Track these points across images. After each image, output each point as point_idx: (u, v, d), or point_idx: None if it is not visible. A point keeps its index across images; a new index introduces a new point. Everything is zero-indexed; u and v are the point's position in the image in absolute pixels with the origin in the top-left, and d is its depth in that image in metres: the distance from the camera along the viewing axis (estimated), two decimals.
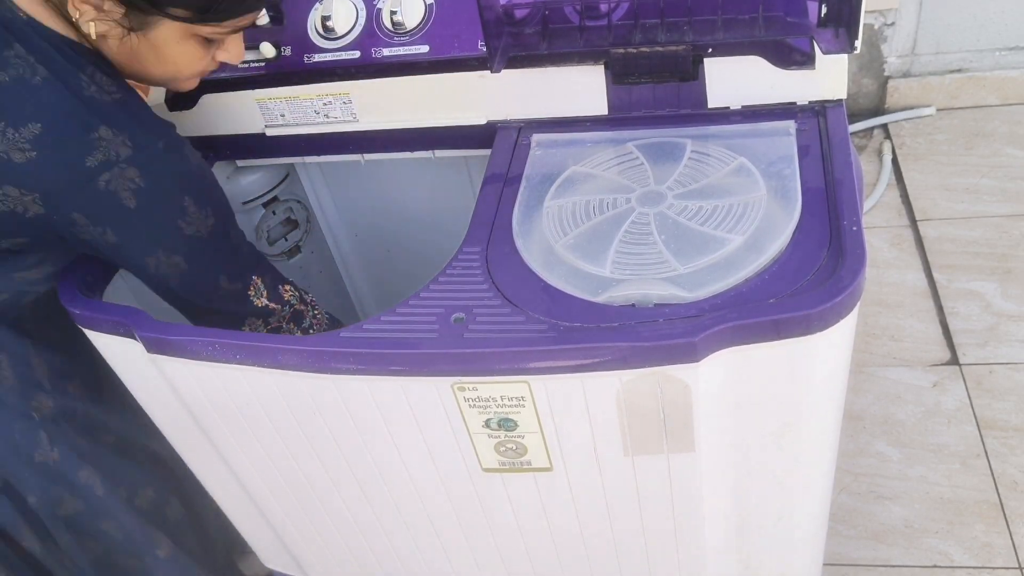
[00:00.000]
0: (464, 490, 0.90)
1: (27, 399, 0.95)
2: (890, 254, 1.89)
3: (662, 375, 0.74)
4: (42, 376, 0.96)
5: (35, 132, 0.78)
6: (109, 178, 0.80)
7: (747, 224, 0.81)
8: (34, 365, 0.95)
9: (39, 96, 0.79)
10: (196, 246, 0.87)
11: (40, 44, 0.80)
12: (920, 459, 1.50)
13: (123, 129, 0.80)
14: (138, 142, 0.81)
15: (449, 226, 1.24)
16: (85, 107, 0.80)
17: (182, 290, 0.89)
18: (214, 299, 0.91)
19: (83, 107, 0.79)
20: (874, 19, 2.14)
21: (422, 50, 0.99)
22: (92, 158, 0.79)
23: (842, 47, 0.84)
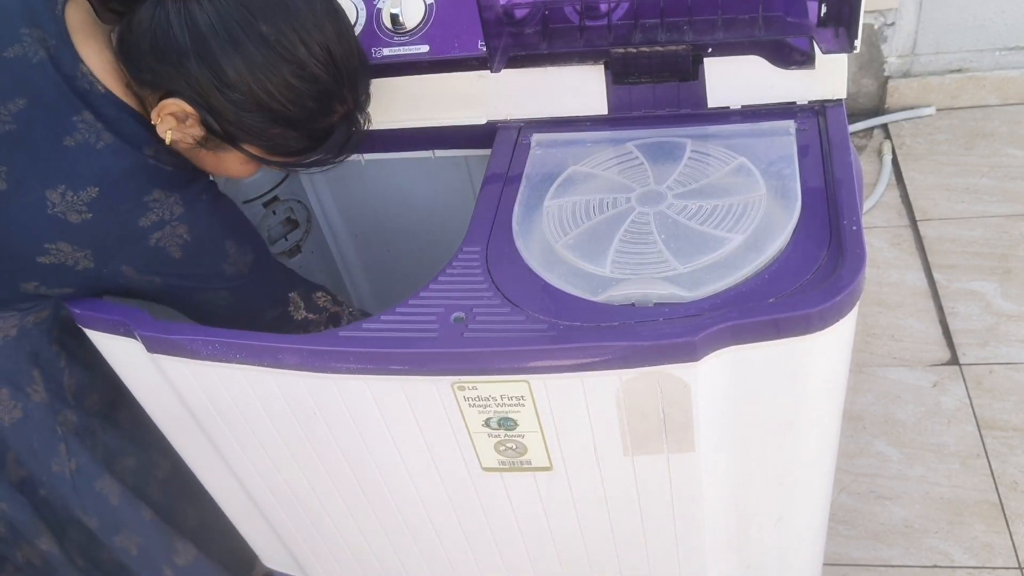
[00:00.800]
0: (464, 489, 0.90)
1: (54, 413, 0.96)
2: (890, 254, 1.89)
3: (662, 374, 0.74)
4: (68, 392, 0.97)
5: (92, 195, 0.81)
6: (160, 236, 0.84)
7: (747, 223, 0.81)
8: (64, 381, 0.97)
9: (101, 161, 0.82)
10: (238, 282, 0.91)
11: (112, 114, 0.83)
12: (920, 459, 1.50)
13: (174, 190, 0.85)
14: (188, 201, 0.86)
15: (449, 226, 1.24)
16: (144, 173, 0.84)
17: (230, 323, 0.91)
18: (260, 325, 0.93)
19: (142, 173, 0.84)
20: (874, 19, 2.14)
21: (422, 50, 0.99)
22: (145, 219, 0.83)
23: (842, 47, 0.84)
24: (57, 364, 0.96)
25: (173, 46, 0.79)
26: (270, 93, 0.81)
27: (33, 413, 0.94)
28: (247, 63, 0.80)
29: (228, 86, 0.80)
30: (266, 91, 0.81)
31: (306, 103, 0.84)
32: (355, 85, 0.88)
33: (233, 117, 0.82)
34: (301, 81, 0.82)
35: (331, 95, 0.85)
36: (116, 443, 1.02)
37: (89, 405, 1.00)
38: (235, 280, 0.91)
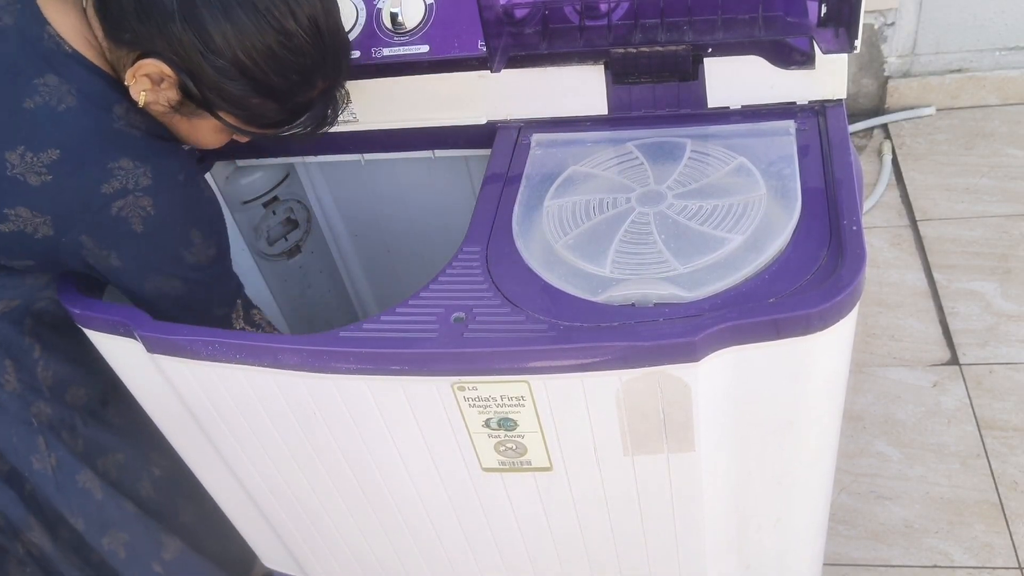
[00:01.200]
0: (464, 490, 0.90)
1: (27, 405, 0.95)
2: (890, 254, 1.89)
3: (662, 375, 0.74)
4: (44, 384, 0.97)
5: (53, 157, 0.80)
6: (122, 205, 0.82)
7: (747, 224, 0.81)
8: (38, 372, 0.96)
9: (63, 123, 0.80)
10: (195, 274, 0.89)
11: (79, 75, 0.81)
12: (920, 459, 1.50)
13: (146, 161, 0.83)
14: (158, 174, 0.83)
15: (449, 226, 1.24)
16: (109, 138, 0.82)
17: (176, 313, 0.90)
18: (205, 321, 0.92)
19: (106, 138, 0.82)
20: (874, 19, 2.14)
21: (422, 50, 0.99)
22: (108, 186, 0.81)
23: (842, 47, 0.84)
24: (31, 355, 0.95)
25: (159, 6, 0.78)
26: (255, 61, 0.80)
27: (7, 404, 0.94)
28: (235, 29, 0.78)
29: (212, 51, 0.79)
30: (251, 59, 0.80)
31: (290, 75, 0.82)
32: (339, 61, 0.88)
33: (213, 83, 0.81)
34: (287, 52, 0.81)
35: (315, 69, 0.84)
36: (103, 439, 1.02)
37: (72, 399, 0.99)
38: (193, 271, 0.89)
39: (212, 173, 1.18)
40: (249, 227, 1.27)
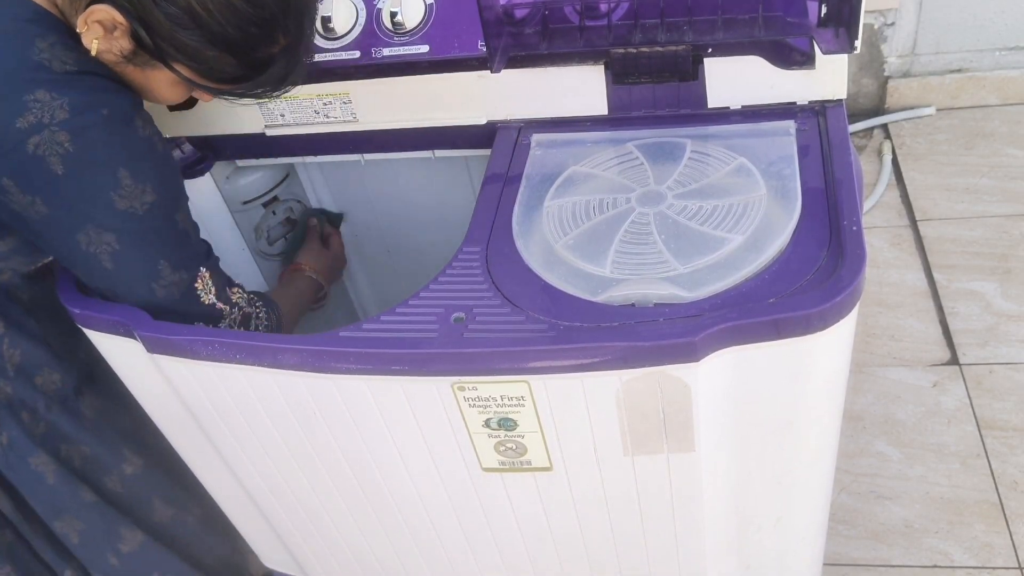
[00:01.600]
0: (464, 490, 0.90)
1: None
2: (890, 254, 1.89)
3: (662, 375, 0.74)
4: (9, 362, 0.94)
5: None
6: (39, 142, 0.77)
7: (747, 224, 0.81)
8: (3, 349, 0.93)
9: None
10: (130, 223, 0.82)
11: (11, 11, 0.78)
12: (920, 459, 1.50)
13: (64, 94, 0.77)
14: (77, 107, 0.78)
15: (449, 226, 1.24)
16: (27, 69, 0.77)
17: (119, 275, 0.84)
18: (157, 289, 0.86)
19: (24, 69, 0.77)
20: (874, 19, 2.14)
21: (422, 50, 0.99)
22: (23, 120, 0.76)
23: (842, 47, 0.84)
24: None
25: None
26: (210, 11, 0.77)
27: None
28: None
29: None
30: (205, 8, 0.76)
31: (248, 28, 0.79)
32: (302, 16, 0.84)
33: (167, 33, 0.78)
34: (246, 3, 0.78)
35: (275, 23, 0.81)
36: (68, 428, 0.99)
37: (43, 384, 0.97)
38: (126, 221, 0.81)
39: (212, 173, 1.18)
40: (249, 227, 1.27)
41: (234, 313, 0.92)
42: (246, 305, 0.95)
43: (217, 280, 0.91)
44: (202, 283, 0.89)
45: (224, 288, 0.92)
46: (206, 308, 0.89)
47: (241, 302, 0.94)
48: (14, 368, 0.95)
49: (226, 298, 0.92)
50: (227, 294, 0.92)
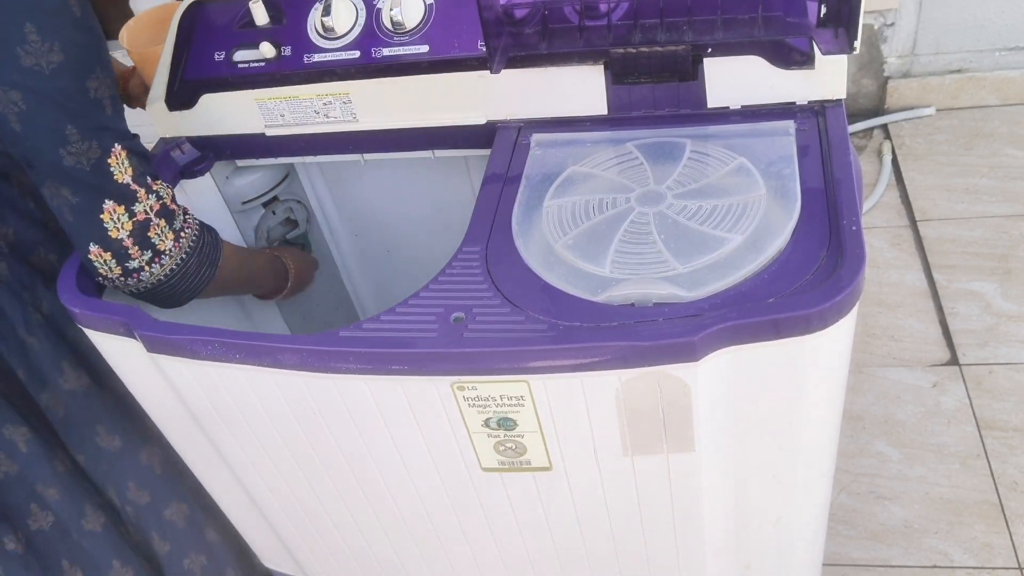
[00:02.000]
0: (463, 489, 0.90)
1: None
2: (890, 254, 1.89)
3: (661, 374, 0.74)
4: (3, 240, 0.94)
5: None
6: None
7: (747, 224, 0.81)
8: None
9: None
10: (35, 82, 0.80)
11: None
12: (920, 459, 1.50)
13: None
14: None
15: (449, 226, 1.24)
16: None
17: (27, 137, 0.83)
18: (65, 155, 0.83)
19: None
20: (874, 19, 2.14)
21: (422, 50, 0.99)
22: None
23: (841, 47, 0.84)
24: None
25: None
26: None
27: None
28: None
29: None
30: None
31: None
32: None
33: None
34: None
35: None
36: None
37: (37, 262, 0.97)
38: (30, 78, 0.80)
39: (212, 173, 1.18)
40: (249, 227, 1.27)
41: (150, 200, 0.89)
42: (168, 200, 0.91)
43: (136, 164, 0.88)
44: (115, 160, 0.86)
45: (144, 175, 0.89)
46: (119, 186, 0.87)
47: (163, 193, 0.90)
48: (9, 246, 0.94)
49: (144, 183, 0.88)
50: (146, 181, 0.89)
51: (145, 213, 0.88)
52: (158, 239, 0.90)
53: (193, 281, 0.94)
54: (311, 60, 1.03)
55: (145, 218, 0.88)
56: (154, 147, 1.12)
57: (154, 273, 0.90)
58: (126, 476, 1.09)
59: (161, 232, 0.90)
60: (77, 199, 0.86)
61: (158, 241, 0.90)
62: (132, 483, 1.09)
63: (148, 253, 0.89)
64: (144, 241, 0.89)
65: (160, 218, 0.90)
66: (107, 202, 0.86)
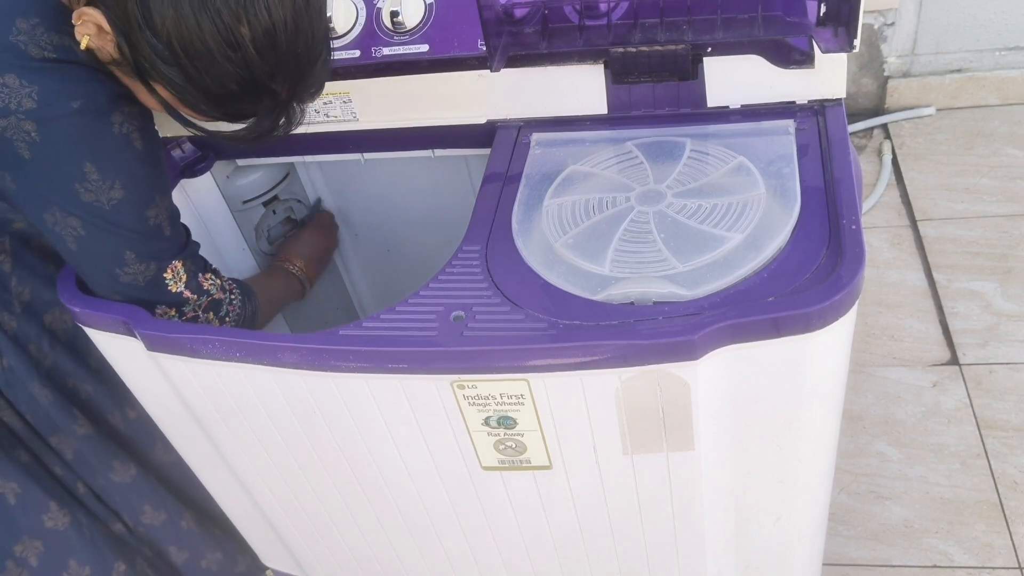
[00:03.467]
0: (463, 488, 0.90)
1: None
2: (890, 254, 1.89)
3: (661, 373, 0.74)
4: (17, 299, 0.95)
5: None
6: (6, 125, 0.78)
7: (746, 223, 0.81)
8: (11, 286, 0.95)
9: None
10: (95, 215, 0.82)
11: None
12: (920, 459, 1.50)
13: (34, 83, 0.77)
14: (46, 98, 0.78)
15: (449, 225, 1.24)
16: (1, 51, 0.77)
17: (83, 256, 0.86)
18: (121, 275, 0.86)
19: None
20: (874, 19, 2.14)
21: (422, 49, 0.99)
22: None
23: (841, 46, 0.85)
24: (2, 269, 0.94)
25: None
26: (191, 58, 0.74)
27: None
28: (177, 17, 0.73)
29: (151, 29, 0.74)
30: (187, 54, 0.74)
31: (228, 84, 0.77)
32: (297, 80, 0.80)
33: (147, 57, 0.76)
34: (229, 62, 0.75)
35: (260, 86, 0.78)
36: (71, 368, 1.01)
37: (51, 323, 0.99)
38: (91, 212, 0.82)
39: (212, 173, 1.18)
40: (249, 227, 1.27)
41: (201, 300, 0.92)
42: (217, 292, 0.94)
43: (191, 268, 0.91)
44: (172, 273, 0.89)
45: (196, 276, 0.92)
46: (172, 295, 0.89)
47: (212, 289, 0.93)
48: (22, 305, 0.96)
49: (195, 286, 0.91)
50: (198, 282, 0.92)
51: (194, 311, 0.92)
52: None
53: None
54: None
55: (193, 315, 0.92)
56: None
57: None
58: (142, 501, 1.10)
59: (207, 323, 0.94)
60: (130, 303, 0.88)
61: None
62: (148, 506, 1.11)
63: None
64: None
65: (207, 312, 0.93)
66: (159, 307, 0.90)
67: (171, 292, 0.89)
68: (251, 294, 1.00)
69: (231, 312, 0.96)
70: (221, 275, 0.96)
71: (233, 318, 0.97)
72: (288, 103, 0.82)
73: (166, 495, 1.12)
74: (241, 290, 0.98)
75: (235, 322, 0.97)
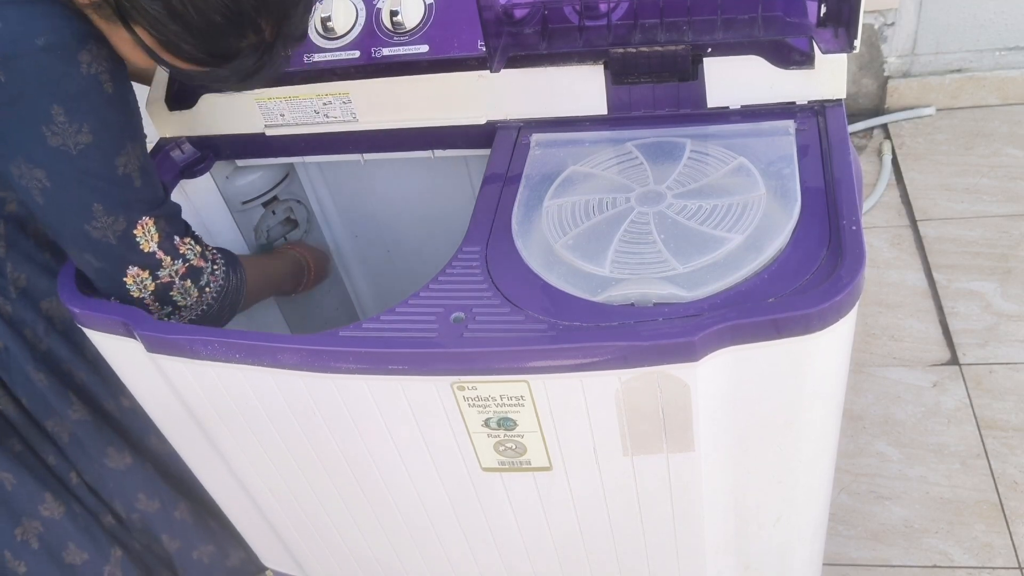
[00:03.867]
0: (463, 489, 0.90)
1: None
2: (890, 254, 1.89)
3: (661, 374, 0.74)
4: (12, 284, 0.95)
5: None
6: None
7: (746, 223, 0.81)
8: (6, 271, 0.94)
9: None
10: (61, 161, 0.79)
11: None
12: (920, 459, 1.50)
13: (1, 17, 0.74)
14: (9, 34, 0.75)
15: (449, 226, 1.24)
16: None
17: (50, 210, 0.82)
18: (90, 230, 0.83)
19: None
20: (874, 19, 2.14)
21: (422, 50, 0.99)
22: None
23: (841, 47, 0.84)
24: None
25: None
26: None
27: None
28: None
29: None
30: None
31: (213, 15, 0.74)
32: (281, 16, 0.78)
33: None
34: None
35: (245, 18, 0.76)
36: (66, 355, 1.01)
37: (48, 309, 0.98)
38: (57, 159, 0.79)
39: (212, 173, 1.18)
40: (249, 227, 1.27)
41: (176, 264, 0.88)
42: (196, 259, 0.90)
43: (164, 228, 0.87)
44: (143, 230, 0.85)
45: (171, 237, 0.88)
46: (144, 255, 0.86)
47: (190, 255, 0.89)
48: (17, 291, 0.95)
49: (170, 248, 0.88)
50: (173, 244, 0.88)
51: (170, 276, 0.89)
52: (180, 297, 0.91)
53: (215, 320, 0.96)
54: (311, 60, 1.03)
55: (169, 281, 0.89)
56: (154, 147, 1.12)
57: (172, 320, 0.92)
58: (136, 489, 1.10)
59: (185, 291, 0.90)
60: (101, 264, 0.86)
61: (180, 299, 0.90)
62: (142, 494, 1.11)
63: (168, 307, 0.91)
64: (165, 299, 0.90)
65: (185, 279, 0.90)
66: (131, 268, 0.87)
67: (143, 252, 0.86)
68: (237, 266, 0.97)
69: (212, 283, 0.92)
70: (204, 243, 0.92)
71: (215, 289, 0.93)
72: (272, 44, 0.80)
73: (160, 484, 1.12)
74: (226, 260, 0.95)
75: (217, 294, 0.93)
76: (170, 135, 1.13)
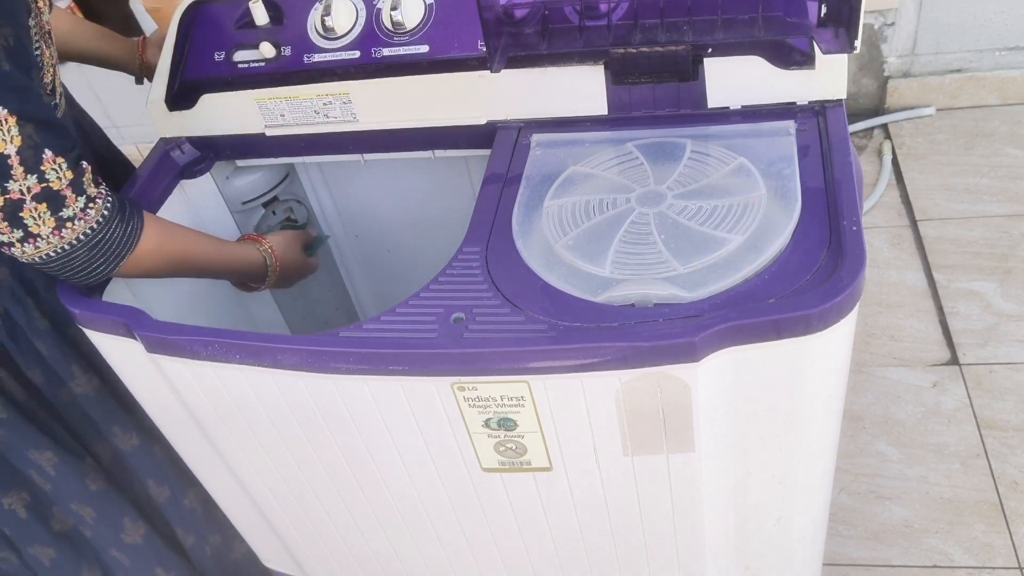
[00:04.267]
0: (464, 490, 0.90)
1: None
2: (890, 254, 1.89)
3: (662, 375, 0.74)
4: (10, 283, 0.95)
5: None
6: None
7: (747, 224, 0.81)
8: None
9: None
10: None
11: None
12: (920, 459, 1.50)
13: None
14: None
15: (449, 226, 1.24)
16: None
17: None
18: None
19: None
20: (874, 19, 2.14)
21: (422, 50, 0.99)
22: None
23: (842, 47, 0.84)
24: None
25: None
26: None
27: None
28: None
29: None
30: None
31: None
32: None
33: None
34: None
35: None
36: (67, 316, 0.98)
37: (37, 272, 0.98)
38: None
39: (212, 173, 1.18)
40: (249, 228, 1.27)
41: (30, 180, 0.78)
42: (60, 184, 0.80)
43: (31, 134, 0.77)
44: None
45: (38, 148, 0.78)
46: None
47: (52, 176, 0.79)
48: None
49: (30, 158, 0.78)
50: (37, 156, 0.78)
51: (20, 193, 0.78)
52: (32, 222, 0.79)
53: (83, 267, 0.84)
54: (311, 60, 1.03)
55: (19, 198, 0.78)
56: (154, 147, 1.12)
57: (27, 252, 0.81)
58: (146, 474, 1.10)
59: (38, 216, 0.79)
60: None
61: (32, 224, 0.79)
62: (151, 480, 1.11)
63: (19, 232, 0.80)
64: (15, 220, 0.79)
65: (39, 202, 0.79)
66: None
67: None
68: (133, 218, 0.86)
69: (80, 220, 0.81)
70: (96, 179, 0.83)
71: (83, 230, 0.81)
72: None
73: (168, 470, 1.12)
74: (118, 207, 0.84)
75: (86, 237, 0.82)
76: (170, 135, 1.13)
